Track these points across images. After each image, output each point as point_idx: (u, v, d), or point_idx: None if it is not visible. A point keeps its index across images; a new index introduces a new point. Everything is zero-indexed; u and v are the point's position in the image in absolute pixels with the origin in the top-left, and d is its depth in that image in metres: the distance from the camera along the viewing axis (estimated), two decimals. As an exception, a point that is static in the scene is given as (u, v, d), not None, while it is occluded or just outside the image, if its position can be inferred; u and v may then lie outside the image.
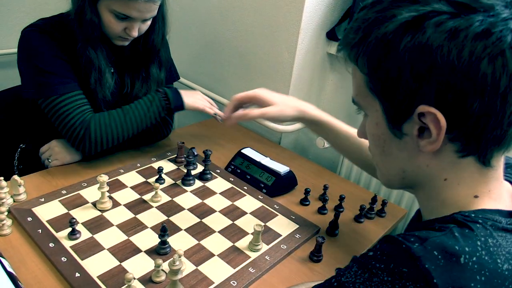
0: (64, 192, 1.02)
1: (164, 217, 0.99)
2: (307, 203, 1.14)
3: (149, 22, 1.10)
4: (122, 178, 1.11)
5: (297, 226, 1.03)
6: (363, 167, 1.01)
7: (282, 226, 1.02)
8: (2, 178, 0.91)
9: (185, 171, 1.14)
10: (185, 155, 1.20)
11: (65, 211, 0.96)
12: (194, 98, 1.20)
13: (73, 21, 1.04)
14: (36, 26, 1.06)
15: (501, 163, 0.56)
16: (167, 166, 1.20)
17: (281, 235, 0.99)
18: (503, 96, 0.48)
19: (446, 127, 0.50)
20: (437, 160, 0.54)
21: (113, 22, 1.03)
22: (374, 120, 0.58)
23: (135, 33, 1.07)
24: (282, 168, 1.17)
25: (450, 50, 0.47)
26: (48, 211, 0.96)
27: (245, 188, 1.15)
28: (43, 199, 0.99)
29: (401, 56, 0.49)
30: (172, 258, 0.74)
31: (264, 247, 0.94)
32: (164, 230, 0.86)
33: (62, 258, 0.83)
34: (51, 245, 0.86)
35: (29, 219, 0.92)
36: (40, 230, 0.89)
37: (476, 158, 0.53)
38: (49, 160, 1.13)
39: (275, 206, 1.09)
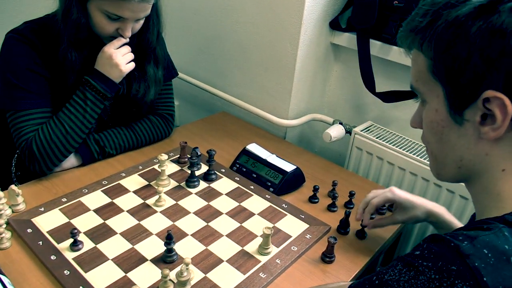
0: (64, 200, 0.99)
1: (170, 222, 0.95)
2: (316, 200, 1.10)
3: (142, 22, 1.05)
4: (124, 182, 1.07)
5: (307, 225, 0.99)
6: None
7: (292, 226, 0.98)
8: (-1, 188, 0.88)
9: (189, 172, 1.11)
10: (188, 156, 1.16)
11: (66, 220, 0.93)
12: (116, 69, 1.05)
13: (59, 22, 1.00)
14: (18, 33, 1.01)
15: None
16: (170, 167, 1.16)
17: (291, 236, 0.95)
18: None
19: None
20: (497, 148, 0.54)
21: (105, 23, 0.99)
22: (434, 107, 0.57)
23: (128, 34, 1.02)
24: (289, 166, 1.13)
25: None
26: (49, 221, 0.92)
27: (252, 187, 1.11)
28: (42, 209, 0.95)
29: (472, 39, 0.49)
30: (179, 269, 0.71)
31: (274, 250, 0.90)
32: (170, 237, 0.83)
33: (65, 271, 0.80)
34: (52, 257, 0.83)
35: (29, 230, 0.89)
36: (40, 242, 0.86)
37: None
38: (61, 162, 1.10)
39: (284, 205, 1.05)
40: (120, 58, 1.05)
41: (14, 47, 1.01)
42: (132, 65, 1.08)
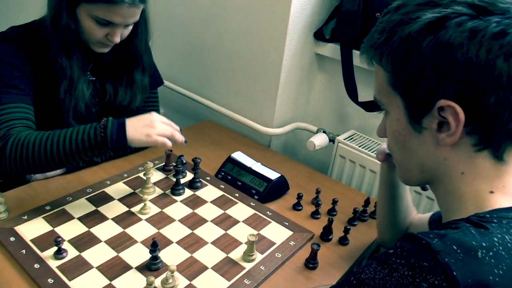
0: (48, 208, 0.98)
1: (155, 230, 0.96)
2: (300, 208, 1.12)
3: (130, 28, 1.06)
4: (109, 190, 1.07)
5: (291, 232, 1.00)
6: (390, 228, 0.95)
7: (276, 233, 1.00)
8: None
9: (174, 180, 1.11)
10: (173, 164, 1.17)
11: (50, 228, 0.93)
12: (143, 130, 0.92)
13: (48, 27, 1.00)
14: (6, 36, 1.01)
15: None
16: (155, 175, 1.16)
17: (275, 243, 0.96)
18: None
19: (464, 120, 0.53)
20: (454, 153, 0.58)
21: (94, 28, 0.99)
22: (395, 116, 0.61)
23: (117, 39, 1.03)
24: (273, 174, 1.15)
25: (469, 48, 0.51)
26: (32, 229, 0.92)
27: (237, 195, 1.12)
28: (26, 217, 0.95)
29: (424, 53, 0.53)
30: (165, 276, 0.71)
31: (258, 257, 0.92)
32: (155, 245, 0.83)
33: (49, 280, 0.79)
34: (36, 266, 0.82)
35: (12, 239, 0.88)
36: (24, 251, 0.85)
37: (490, 153, 0.56)
38: (31, 174, 1.09)
39: (268, 212, 1.07)
40: (159, 124, 0.94)
41: (1, 46, 1.00)
42: (161, 140, 0.92)
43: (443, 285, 0.47)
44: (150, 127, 0.93)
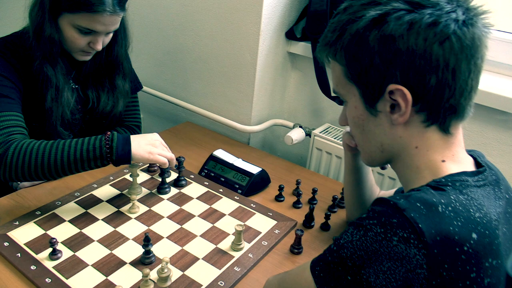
0: (38, 213, 1.01)
1: (145, 227, 1.00)
2: (282, 199, 1.17)
3: (111, 35, 1.09)
4: (96, 192, 1.10)
5: (275, 222, 1.06)
6: (355, 202, 1.01)
7: (261, 223, 1.05)
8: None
9: (159, 179, 1.15)
10: (157, 164, 1.20)
11: (43, 232, 0.95)
12: (146, 148, 0.98)
13: (31, 38, 1.02)
14: None
15: (460, 131, 0.67)
16: (141, 176, 1.20)
17: (261, 232, 1.02)
18: (453, 72, 0.60)
19: (412, 100, 0.61)
20: (407, 131, 0.65)
21: (77, 37, 1.02)
22: (353, 104, 0.68)
23: (99, 47, 1.06)
24: (254, 168, 1.20)
25: (409, 38, 0.59)
26: (25, 234, 0.94)
27: (221, 190, 1.17)
28: (17, 222, 0.97)
29: (371, 46, 0.61)
30: (160, 266, 0.76)
31: (246, 246, 0.96)
32: (148, 239, 0.87)
33: (47, 280, 0.82)
34: (32, 267, 0.85)
35: (6, 244, 0.90)
36: (19, 254, 0.88)
37: (438, 127, 0.64)
38: (17, 182, 1.11)
39: (252, 205, 1.12)
40: (160, 146, 1.02)
41: None
42: (162, 160, 1.00)
43: (411, 236, 0.54)
44: (153, 146, 1.00)
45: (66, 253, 0.90)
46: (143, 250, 0.88)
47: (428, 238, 0.54)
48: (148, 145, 0.99)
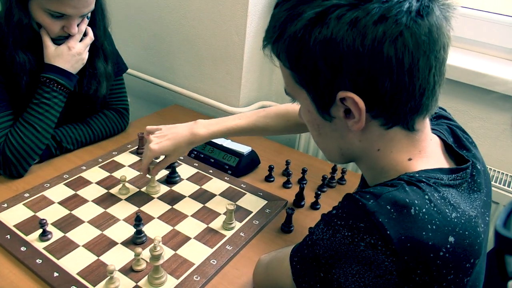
0: (27, 195, 0.99)
1: (135, 208, 0.99)
2: (272, 179, 1.18)
3: (87, 18, 1.07)
4: (85, 174, 1.09)
5: (266, 201, 1.07)
6: (293, 129, 1.01)
7: (252, 203, 1.06)
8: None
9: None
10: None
11: (32, 213, 0.94)
12: (76, 54, 1.07)
13: (2, 25, 1.00)
14: None
15: (426, 124, 0.61)
16: (129, 158, 1.19)
17: (252, 212, 1.02)
18: (409, 72, 0.52)
19: (365, 107, 0.54)
20: (366, 135, 0.59)
21: (49, 22, 0.99)
22: (306, 108, 0.62)
23: (74, 30, 1.03)
24: (244, 148, 1.20)
25: (354, 39, 0.51)
26: (14, 216, 0.93)
27: (211, 171, 1.17)
28: (5, 205, 0.95)
29: (313, 50, 0.53)
30: (152, 244, 0.76)
31: (237, 225, 0.97)
32: (139, 219, 0.87)
33: (37, 260, 0.82)
34: (22, 249, 0.84)
35: (-6, 226, 0.89)
36: (8, 236, 0.87)
37: (401, 127, 0.58)
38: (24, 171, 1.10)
39: (242, 185, 1.12)
40: (79, 45, 1.07)
41: None
42: (86, 53, 1.10)
43: (378, 243, 0.50)
44: (80, 53, 1.08)
45: (56, 234, 0.89)
46: (135, 230, 0.88)
47: (396, 245, 0.50)
48: (75, 55, 1.08)
